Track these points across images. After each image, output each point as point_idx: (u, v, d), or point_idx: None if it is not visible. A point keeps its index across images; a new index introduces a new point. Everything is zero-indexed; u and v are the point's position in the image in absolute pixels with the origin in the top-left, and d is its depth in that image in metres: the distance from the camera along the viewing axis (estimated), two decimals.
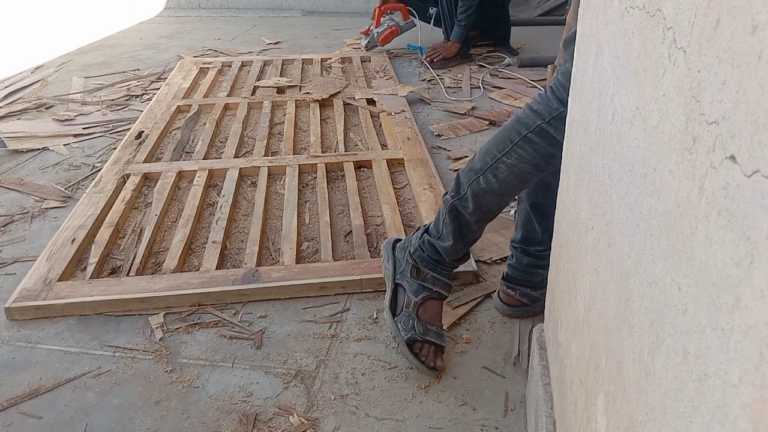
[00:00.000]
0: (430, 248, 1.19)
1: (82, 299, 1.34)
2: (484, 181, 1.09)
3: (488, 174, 1.08)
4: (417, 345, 1.16)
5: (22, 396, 1.14)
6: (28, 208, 1.79)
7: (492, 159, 1.08)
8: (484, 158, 1.10)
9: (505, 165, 1.07)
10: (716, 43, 0.34)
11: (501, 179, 1.08)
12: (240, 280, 1.40)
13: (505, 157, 1.06)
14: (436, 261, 1.19)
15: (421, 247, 1.20)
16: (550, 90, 1.03)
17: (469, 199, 1.12)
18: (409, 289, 1.19)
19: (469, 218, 1.14)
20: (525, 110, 1.06)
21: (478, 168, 1.10)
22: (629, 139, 0.52)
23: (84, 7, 4.50)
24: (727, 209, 0.32)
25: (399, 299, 1.20)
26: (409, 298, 1.18)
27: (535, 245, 1.28)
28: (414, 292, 1.18)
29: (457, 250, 1.18)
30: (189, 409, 1.10)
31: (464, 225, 1.15)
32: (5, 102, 2.64)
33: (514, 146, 1.05)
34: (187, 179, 1.92)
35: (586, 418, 0.64)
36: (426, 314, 1.18)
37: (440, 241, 1.18)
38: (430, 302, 1.19)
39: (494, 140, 1.10)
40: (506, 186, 1.09)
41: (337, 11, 4.69)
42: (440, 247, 1.18)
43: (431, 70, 2.97)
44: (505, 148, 1.06)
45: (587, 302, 0.67)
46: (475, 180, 1.10)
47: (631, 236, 0.50)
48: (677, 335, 0.38)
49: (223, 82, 2.85)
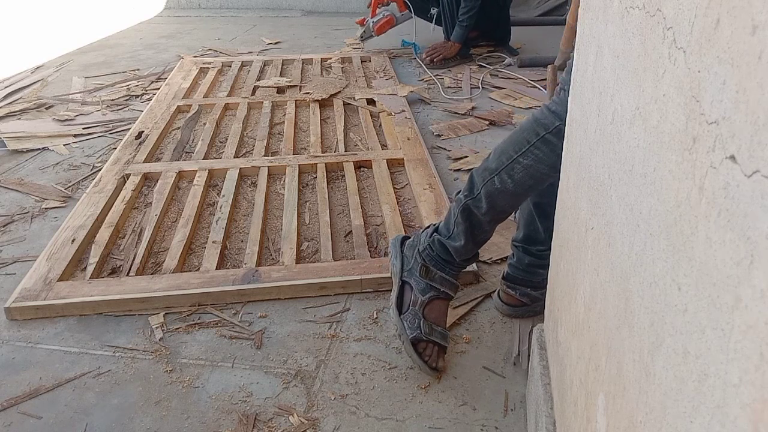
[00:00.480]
0: (440, 248, 1.18)
1: (82, 299, 1.34)
2: (499, 181, 1.09)
3: (503, 174, 1.08)
4: (421, 344, 1.16)
5: (22, 396, 1.14)
6: (28, 208, 1.79)
7: (508, 159, 1.07)
8: (500, 158, 1.09)
9: (521, 165, 1.06)
10: (716, 43, 0.34)
11: (516, 180, 1.07)
12: (240, 280, 1.40)
13: (521, 158, 1.06)
14: (445, 261, 1.19)
15: (430, 246, 1.19)
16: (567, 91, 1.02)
17: (483, 199, 1.11)
18: (416, 288, 1.18)
19: (482, 218, 1.13)
20: (543, 111, 1.05)
21: (494, 168, 1.09)
22: (629, 139, 0.52)
23: (84, 7, 4.50)
24: (727, 209, 0.32)
25: (405, 297, 1.20)
26: (416, 296, 1.18)
27: (537, 245, 1.28)
28: (421, 291, 1.18)
29: (468, 250, 1.17)
30: (189, 409, 1.10)
31: (476, 225, 1.15)
32: (5, 102, 2.64)
33: (532, 147, 1.05)
34: (187, 179, 1.92)
35: (586, 418, 0.64)
36: (432, 314, 1.18)
37: (451, 241, 1.17)
38: (437, 302, 1.19)
39: (510, 140, 1.09)
40: (522, 186, 1.08)
41: (337, 11, 4.69)
42: (451, 247, 1.17)
43: (427, 71, 2.96)
44: (521, 148, 1.06)
45: (587, 302, 0.67)
46: (489, 180, 1.10)
47: (631, 236, 0.50)
48: (677, 335, 0.38)
49: (223, 82, 2.85)
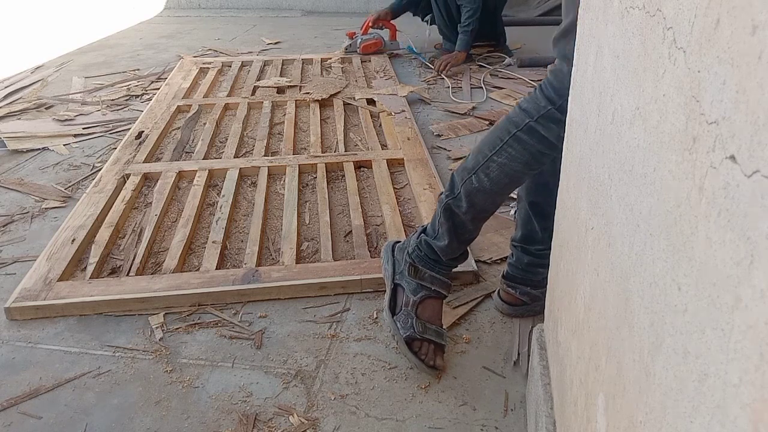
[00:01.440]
0: (427, 248, 1.19)
1: (82, 299, 1.34)
2: (476, 180, 1.10)
3: (480, 173, 1.09)
4: (416, 343, 1.16)
5: (22, 396, 1.13)
6: (28, 208, 1.79)
7: (483, 158, 1.09)
8: (477, 157, 1.11)
9: (496, 164, 1.08)
10: (716, 43, 0.34)
11: (492, 178, 1.08)
12: (240, 280, 1.40)
13: (495, 156, 1.07)
14: (433, 260, 1.19)
15: (418, 246, 1.20)
16: (539, 88, 1.04)
17: (463, 198, 1.12)
18: (407, 289, 1.19)
19: (464, 217, 1.14)
20: (515, 109, 1.07)
21: (471, 167, 1.11)
22: (629, 139, 0.52)
23: (84, 7, 4.50)
24: (727, 209, 0.32)
25: (398, 299, 1.20)
26: (408, 297, 1.18)
27: (536, 244, 1.28)
28: (413, 291, 1.18)
29: (453, 249, 1.18)
30: (189, 409, 1.10)
31: (459, 224, 1.16)
32: (5, 102, 2.64)
33: (504, 145, 1.06)
34: (187, 179, 1.92)
35: (586, 418, 0.64)
36: (425, 313, 1.18)
37: (436, 241, 1.18)
38: (429, 301, 1.19)
39: (486, 139, 1.11)
40: (498, 185, 1.09)
41: (337, 11, 4.69)
42: (436, 247, 1.18)
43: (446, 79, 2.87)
44: (495, 147, 1.07)
45: (587, 302, 0.67)
46: (468, 179, 1.11)
47: (631, 236, 0.50)
48: (677, 335, 0.38)
49: (223, 82, 2.85)
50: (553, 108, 1.00)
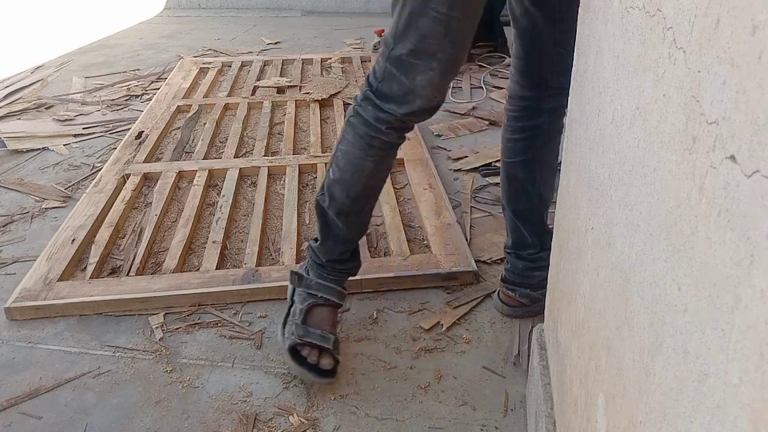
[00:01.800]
0: (313, 253, 1.19)
1: (82, 299, 1.34)
2: (332, 171, 1.12)
3: (333, 164, 1.12)
4: (304, 350, 1.14)
5: (22, 396, 1.14)
6: (28, 208, 1.79)
7: (335, 149, 1.12)
8: (333, 150, 1.13)
9: (341, 152, 1.10)
10: (716, 43, 0.34)
11: (341, 167, 1.10)
12: (240, 280, 1.40)
13: (341, 145, 1.10)
14: (319, 265, 1.18)
15: (308, 254, 1.20)
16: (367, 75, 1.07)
17: (326, 192, 1.14)
18: (297, 301, 1.19)
19: (329, 212, 1.14)
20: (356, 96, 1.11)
21: (330, 160, 1.13)
22: (629, 139, 0.52)
23: (84, 7, 4.50)
24: (727, 209, 0.32)
25: (289, 312, 1.20)
26: (296, 307, 1.18)
27: (527, 249, 1.28)
28: (301, 301, 1.18)
29: (329, 248, 1.17)
30: (189, 409, 1.10)
31: (330, 221, 1.15)
32: (5, 102, 2.64)
33: (344, 132, 1.10)
34: (187, 179, 1.92)
35: (586, 418, 0.64)
36: (312, 320, 1.16)
37: (316, 242, 1.19)
38: (317, 309, 1.17)
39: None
40: (346, 173, 1.10)
41: (337, 11, 4.69)
42: (317, 249, 1.18)
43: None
44: (340, 136, 1.11)
45: (587, 302, 0.67)
46: (327, 171, 1.14)
47: (631, 236, 0.50)
48: (677, 335, 0.38)
49: (223, 82, 2.85)
50: (369, 90, 1.04)
